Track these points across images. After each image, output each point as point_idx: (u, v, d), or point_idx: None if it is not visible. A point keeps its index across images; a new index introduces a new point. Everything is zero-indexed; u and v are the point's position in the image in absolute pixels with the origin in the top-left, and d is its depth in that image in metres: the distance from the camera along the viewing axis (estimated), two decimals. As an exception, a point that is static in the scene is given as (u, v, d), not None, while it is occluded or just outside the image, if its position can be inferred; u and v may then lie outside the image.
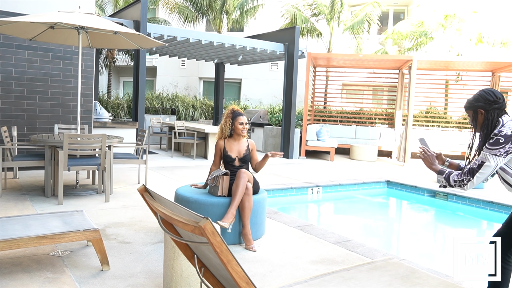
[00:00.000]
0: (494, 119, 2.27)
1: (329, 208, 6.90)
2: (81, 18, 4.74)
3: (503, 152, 2.20)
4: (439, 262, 4.10)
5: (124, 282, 2.78)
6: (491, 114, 2.28)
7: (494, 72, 11.59)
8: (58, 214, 3.24)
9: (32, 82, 6.82)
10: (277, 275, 3.03)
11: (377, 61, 12.31)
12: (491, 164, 2.22)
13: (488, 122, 2.28)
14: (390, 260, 2.31)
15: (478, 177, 2.26)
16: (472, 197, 6.12)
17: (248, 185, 3.57)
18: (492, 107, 2.27)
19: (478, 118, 2.34)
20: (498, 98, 2.28)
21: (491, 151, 2.22)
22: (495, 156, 2.21)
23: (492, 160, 2.22)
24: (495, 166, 2.22)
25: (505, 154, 2.20)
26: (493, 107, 2.27)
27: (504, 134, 2.20)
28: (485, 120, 2.30)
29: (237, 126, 3.80)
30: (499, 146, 2.20)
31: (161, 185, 6.17)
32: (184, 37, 9.27)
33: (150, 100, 15.58)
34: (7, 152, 5.26)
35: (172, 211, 1.54)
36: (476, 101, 2.32)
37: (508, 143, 2.18)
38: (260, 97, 18.91)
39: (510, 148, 2.19)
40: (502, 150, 2.19)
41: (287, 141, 10.41)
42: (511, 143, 2.18)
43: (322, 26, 16.65)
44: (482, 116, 2.31)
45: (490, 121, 2.28)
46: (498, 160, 2.21)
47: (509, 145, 2.19)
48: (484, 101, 2.29)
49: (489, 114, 2.28)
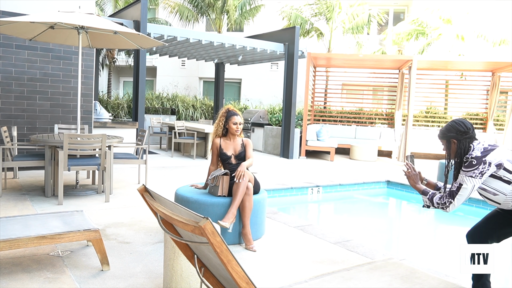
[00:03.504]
0: (466, 147, 2.40)
1: (329, 208, 6.90)
2: (81, 18, 4.74)
3: (477, 173, 2.31)
4: (439, 262, 4.10)
5: (124, 282, 2.78)
6: (463, 143, 2.41)
7: (494, 72, 11.58)
8: (58, 214, 3.24)
9: (32, 82, 6.81)
10: (277, 275, 3.03)
11: (377, 61, 12.30)
12: (468, 186, 2.33)
13: (461, 151, 2.41)
14: (390, 260, 2.31)
15: (458, 199, 2.38)
16: (472, 197, 6.11)
17: (248, 185, 3.57)
18: (464, 137, 2.41)
19: (452, 147, 2.47)
20: (468, 128, 2.41)
21: (466, 173, 2.34)
22: (471, 178, 2.32)
23: (469, 182, 2.33)
24: (472, 187, 2.33)
25: (480, 175, 2.31)
26: (464, 137, 2.41)
27: (475, 156, 2.32)
28: (458, 149, 2.43)
29: (231, 125, 3.81)
30: (473, 167, 2.31)
31: (161, 185, 6.17)
32: (184, 37, 9.27)
33: (150, 100, 15.58)
34: (7, 152, 5.26)
35: (172, 211, 1.53)
36: (448, 132, 2.46)
37: (480, 164, 2.30)
38: (260, 97, 18.90)
39: (483, 168, 2.30)
40: (477, 171, 2.31)
41: (287, 141, 10.41)
42: (483, 164, 2.30)
43: (322, 25, 16.65)
44: (455, 145, 2.44)
45: (463, 150, 2.41)
46: (474, 181, 2.32)
47: (482, 166, 2.30)
48: (455, 132, 2.42)
49: (461, 144, 2.41)
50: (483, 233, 2.51)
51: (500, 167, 2.30)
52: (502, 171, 2.31)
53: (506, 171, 2.31)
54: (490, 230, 2.49)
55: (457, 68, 12.02)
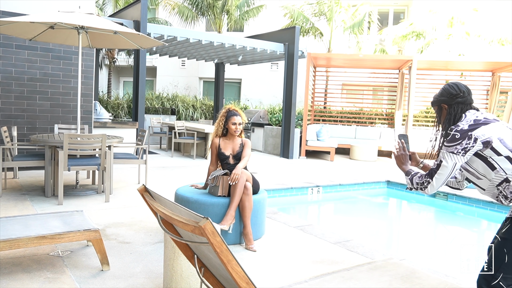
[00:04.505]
0: (457, 114, 2.06)
1: (329, 208, 6.90)
2: (81, 18, 4.74)
3: (460, 149, 1.94)
4: (439, 262, 4.10)
5: (124, 282, 2.78)
6: (454, 108, 2.07)
7: (494, 72, 11.58)
8: (58, 214, 3.24)
9: (32, 82, 6.81)
10: (277, 275, 3.03)
11: (377, 61, 12.30)
12: (449, 164, 1.98)
13: (450, 117, 2.07)
14: (390, 260, 2.31)
15: (437, 178, 2.03)
16: (472, 197, 6.12)
17: (247, 185, 3.57)
18: (455, 101, 2.07)
19: (442, 114, 2.14)
20: (462, 91, 2.07)
21: (448, 148, 1.98)
22: (452, 154, 1.96)
23: (450, 159, 1.97)
24: (452, 165, 1.97)
25: (463, 151, 1.94)
26: (456, 101, 2.07)
27: (460, 129, 1.96)
28: (448, 115, 2.09)
29: (230, 126, 3.81)
30: (455, 142, 1.95)
31: (161, 185, 6.17)
32: (184, 37, 9.27)
33: (150, 100, 15.58)
34: (7, 152, 5.26)
35: (172, 211, 1.53)
36: (440, 96, 2.14)
37: (464, 138, 1.93)
38: (260, 97, 18.91)
39: (467, 144, 1.93)
40: (459, 147, 1.94)
41: (287, 141, 10.41)
42: (468, 139, 1.92)
43: (322, 25, 16.66)
44: (445, 111, 2.12)
45: (453, 116, 2.07)
46: (455, 158, 1.96)
47: (466, 141, 1.93)
48: (447, 95, 2.09)
49: (452, 109, 2.07)
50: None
51: (487, 146, 1.91)
52: (489, 150, 1.92)
53: (494, 152, 1.91)
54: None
55: (457, 68, 12.02)
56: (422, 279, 2.02)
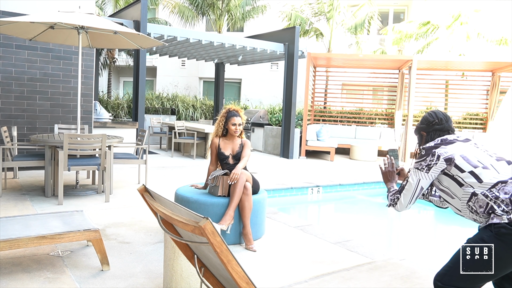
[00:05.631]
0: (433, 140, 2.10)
1: (329, 208, 6.90)
2: (81, 18, 4.74)
3: (424, 166, 2.00)
4: (439, 262, 4.10)
5: (124, 282, 2.78)
6: (431, 135, 2.13)
7: (494, 72, 11.59)
8: (58, 214, 3.24)
9: (32, 82, 6.81)
10: (277, 275, 3.03)
11: (377, 61, 12.30)
12: (414, 180, 2.03)
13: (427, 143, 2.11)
14: (390, 260, 2.31)
15: (404, 194, 2.07)
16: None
17: (247, 185, 3.57)
18: (432, 128, 2.13)
19: (422, 141, 2.19)
20: (440, 119, 2.13)
21: (414, 165, 2.06)
22: (417, 171, 2.03)
23: (414, 175, 2.03)
24: (417, 181, 2.02)
25: (427, 168, 1.99)
26: (433, 128, 2.13)
27: (426, 147, 2.04)
28: (425, 142, 2.15)
29: (230, 126, 3.81)
30: (421, 159, 2.02)
31: (161, 185, 6.17)
32: (184, 37, 9.27)
33: (150, 100, 15.58)
34: (7, 152, 5.26)
35: (172, 211, 1.53)
36: (420, 124, 2.21)
37: (428, 155, 2.00)
38: (260, 97, 18.91)
39: (431, 161, 1.98)
40: (424, 163, 2.00)
41: (287, 141, 10.41)
42: (431, 156, 1.98)
43: (322, 25, 16.66)
44: (424, 138, 2.18)
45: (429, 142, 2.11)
46: (419, 174, 2.01)
47: (430, 158, 1.99)
48: (425, 123, 2.17)
49: (429, 136, 2.14)
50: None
51: (450, 163, 1.95)
52: (453, 169, 1.95)
53: (458, 170, 1.94)
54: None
55: (457, 68, 12.02)
56: (422, 279, 2.03)
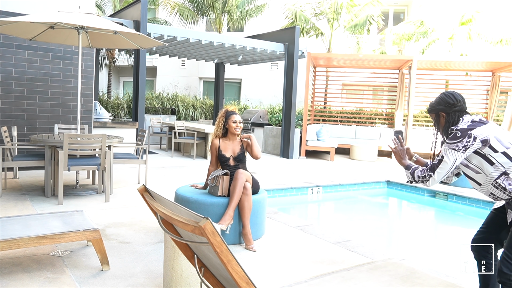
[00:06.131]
0: (454, 121, 2.31)
1: (329, 208, 6.90)
2: (81, 18, 4.74)
3: (461, 147, 2.19)
4: (439, 262, 4.10)
5: (124, 282, 2.78)
6: (452, 116, 2.32)
7: (494, 72, 11.58)
8: (58, 214, 3.24)
9: (32, 82, 6.81)
10: (277, 275, 3.03)
11: (377, 61, 12.31)
12: (450, 160, 2.23)
13: (449, 125, 2.32)
14: (390, 260, 2.31)
15: (438, 172, 2.27)
16: (472, 197, 6.12)
17: (247, 185, 3.57)
18: (453, 110, 2.31)
19: (440, 121, 2.38)
20: (458, 100, 2.32)
21: (449, 145, 2.23)
22: (453, 151, 2.21)
23: (451, 155, 2.22)
24: (453, 161, 2.22)
25: (464, 148, 2.19)
26: (453, 110, 2.31)
27: (460, 128, 2.21)
28: (446, 122, 2.34)
29: (230, 124, 3.80)
30: (457, 140, 2.20)
31: (161, 185, 6.17)
32: (184, 37, 9.27)
33: (150, 100, 15.58)
34: (7, 152, 5.26)
35: (172, 211, 1.53)
36: (437, 105, 2.37)
37: (465, 137, 2.19)
38: (260, 97, 18.91)
39: (467, 142, 2.18)
40: (460, 145, 2.19)
41: (287, 141, 10.41)
42: (468, 137, 2.18)
43: (323, 25, 16.66)
44: (443, 118, 2.36)
45: (451, 123, 2.32)
46: (456, 155, 2.21)
47: (467, 139, 2.18)
48: (444, 104, 2.33)
49: (450, 117, 2.33)
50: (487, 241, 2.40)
51: (485, 144, 2.17)
52: (487, 148, 2.17)
53: (492, 150, 2.16)
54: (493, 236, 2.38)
55: (457, 68, 12.02)
56: (422, 279, 2.03)
